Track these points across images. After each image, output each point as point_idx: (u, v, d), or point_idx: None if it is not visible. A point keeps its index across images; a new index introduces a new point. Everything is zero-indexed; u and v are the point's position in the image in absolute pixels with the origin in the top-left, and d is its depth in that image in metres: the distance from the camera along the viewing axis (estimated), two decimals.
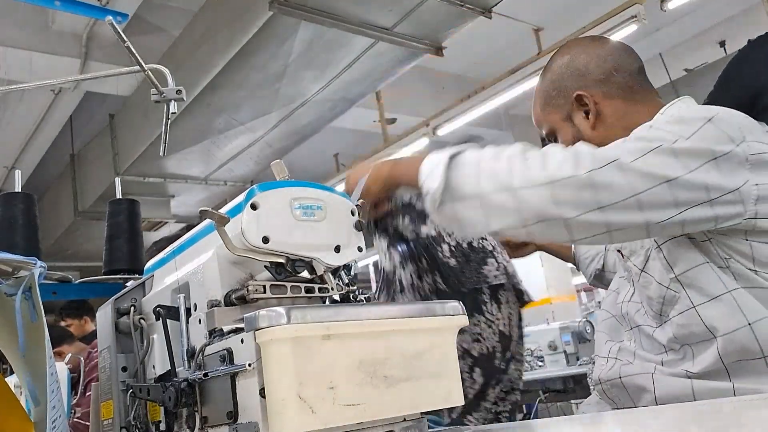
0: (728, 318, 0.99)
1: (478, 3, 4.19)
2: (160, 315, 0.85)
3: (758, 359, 0.98)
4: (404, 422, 0.75)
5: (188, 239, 0.93)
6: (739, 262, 1.00)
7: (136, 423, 0.89)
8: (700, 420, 0.77)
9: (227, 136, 5.58)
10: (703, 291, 1.02)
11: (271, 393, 0.66)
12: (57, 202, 7.28)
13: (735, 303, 0.99)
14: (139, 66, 1.04)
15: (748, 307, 0.99)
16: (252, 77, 4.62)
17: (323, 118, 5.53)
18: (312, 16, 3.95)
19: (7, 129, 6.06)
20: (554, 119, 1.27)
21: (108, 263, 1.23)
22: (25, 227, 1.15)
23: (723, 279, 1.01)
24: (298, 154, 6.31)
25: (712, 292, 1.01)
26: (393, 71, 4.90)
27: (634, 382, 1.10)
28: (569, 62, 1.25)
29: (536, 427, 1.02)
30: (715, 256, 1.02)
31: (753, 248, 1.00)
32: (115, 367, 0.93)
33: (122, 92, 5.68)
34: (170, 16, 5.23)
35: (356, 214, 0.87)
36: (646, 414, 0.95)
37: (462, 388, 0.79)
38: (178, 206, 7.09)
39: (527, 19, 6.09)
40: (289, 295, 0.79)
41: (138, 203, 1.30)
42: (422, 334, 0.76)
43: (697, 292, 1.02)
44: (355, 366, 0.70)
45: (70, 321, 4.04)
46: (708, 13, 6.36)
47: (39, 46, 4.87)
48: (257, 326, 0.67)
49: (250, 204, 0.78)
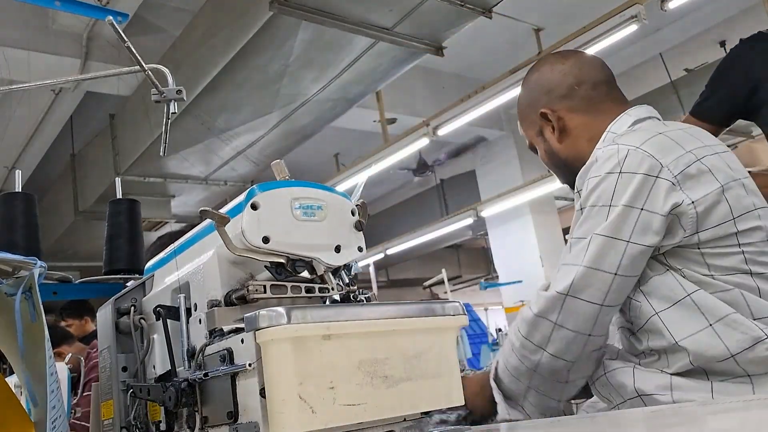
0: (690, 321, 1.02)
1: (478, 3, 4.19)
2: (161, 315, 0.85)
3: (728, 359, 0.99)
4: (404, 422, 0.75)
5: (188, 239, 0.93)
6: (693, 270, 1.05)
7: (136, 423, 0.89)
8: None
9: (227, 136, 5.58)
10: (664, 298, 1.06)
11: (271, 393, 0.66)
12: (57, 202, 7.28)
13: (695, 305, 1.02)
14: (140, 66, 1.04)
15: (707, 308, 1.02)
16: (252, 77, 4.62)
17: (323, 118, 5.53)
18: (312, 16, 3.94)
19: (8, 129, 6.06)
20: (531, 134, 1.37)
21: (108, 263, 1.23)
22: (25, 227, 1.15)
23: (682, 283, 1.05)
24: (298, 154, 6.31)
25: (673, 297, 1.04)
26: (393, 71, 4.90)
27: (615, 377, 1.12)
28: (537, 79, 1.35)
29: (536, 426, 1.02)
30: (671, 265, 1.07)
31: (704, 257, 1.04)
32: (116, 367, 0.93)
33: (122, 92, 5.68)
34: (170, 16, 5.23)
35: (356, 214, 0.87)
36: (639, 414, 0.95)
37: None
38: (179, 206, 7.09)
39: (527, 19, 6.09)
40: (290, 295, 0.79)
41: (138, 203, 1.30)
42: (422, 334, 0.76)
43: (658, 300, 1.06)
44: (356, 366, 0.70)
45: (71, 321, 4.04)
46: (708, 13, 6.36)
47: (39, 46, 4.87)
48: (257, 326, 0.67)
49: (251, 204, 0.78)
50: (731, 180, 1.08)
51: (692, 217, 1.03)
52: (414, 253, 11.20)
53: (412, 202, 10.87)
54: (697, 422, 0.74)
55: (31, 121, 5.97)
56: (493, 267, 9.14)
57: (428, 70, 6.80)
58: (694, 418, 0.78)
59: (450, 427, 0.87)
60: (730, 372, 1.00)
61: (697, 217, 1.03)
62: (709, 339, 1.00)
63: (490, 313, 6.04)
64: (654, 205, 1.04)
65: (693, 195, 1.04)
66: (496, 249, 8.64)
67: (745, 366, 0.99)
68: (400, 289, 13.36)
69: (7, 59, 4.73)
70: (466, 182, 9.34)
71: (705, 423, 0.74)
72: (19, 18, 4.73)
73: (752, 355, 0.98)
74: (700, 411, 0.81)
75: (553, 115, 1.29)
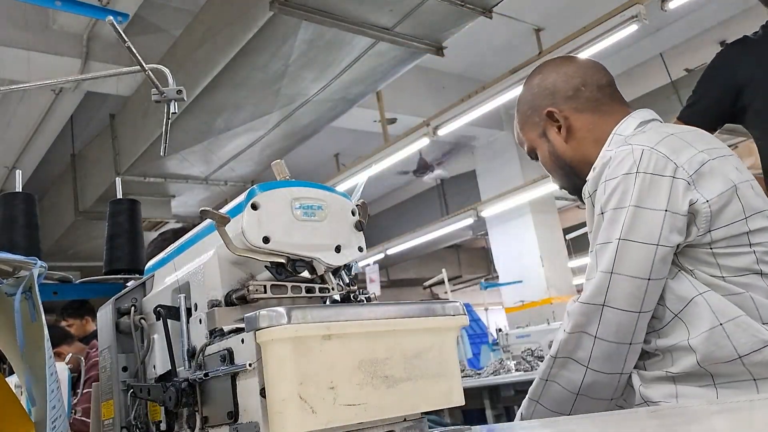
0: (700, 320, 1.02)
1: (479, 3, 4.19)
2: (161, 315, 0.85)
3: (734, 360, 0.99)
4: (405, 422, 0.75)
5: (188, 239, 0.93)
6: (704, 272, 1.05)
7: (136, 423, 0.89)
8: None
9: (228, 136, 5.59)
10: (675, 298, 1.06)
11: (271, 393, 0.66)
12: (58, 202, 7.28)
13: (707, 304, 1.02)
14: (140, 66, 1.04)
15: (718, 309, 1.02)
16: (252, 77, 4.62)
17: (323, 118, 5.53)
18: (312, 16, 3.95)
19: (8, 129, 6.07)
20: (532, 137, 1.36)
21: (108, 263, 1.23)
22: (25, 227, 1.15)
23: (694, 284, 1.05)
24: (298, 154, 6.32)
25: (685, 298, 1.05)
26: (393, 71, 4.90)
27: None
28: (540, 82, 1.34)
29: (537, 426, 1.02)
30: (682, 266, 1.07)
31: (716, 257, 1.05)
32: (116, 367, 0.93)
33: (123, 92, 5.69)
34: (170, 16, 5.23)
35: (356, 214, 0.87)
36: (642, 413, 0.95)
37: None
38: (179, 206, 7.10)
39: (528, 19, 6.10)
40: (290, 295, 0.79)
41: (139, 203, 1.30)
42: (423, 333, 0.76)
43: (670, 301, 1.06)
44: (356, 366, 0.70)
45: (72, 321, 4.05)
46: (708, 13, 6.36)
47: (39, 46, 4.87)
48: (258, 326, 0.67)
49: (251, 204, 0.78)
50: (742, 181, 1.08)
51: (706, 216, 1.04)
52: (414, 253, 11.21)
53: (412, 202, 10.88)
54: (696, 420, 0.74)
55: (32, 121, 5.97)
56: (493, 267, 9.15)
57: (428, 70, 6.80)
58: (694, 416, 0.78)
59: (450, 428, 0.87)
60: (735, 374, 1.00)
61: (711, 215, 1.04)
62: (718, 339, 1.00)
63: (490, 313, 6.04)
64: (675, 205, 1.04)
65: (707, 194, 1.04)
66: (496, 249, 8.64)
67: (751, 368, 0.99)
68: (400, 289, 13.36)
69: (7, 59, 4.73)
70: (466, 182, 9.35)
71: (706, 421, 0.74)
72: (19, 18, 4.73)
73: (760, 357, 0.98)
74: (701, 410, 0.81)
75: (560, 114, 1.29)
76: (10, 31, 4.70)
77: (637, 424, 0.81)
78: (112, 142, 6.09)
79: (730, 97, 2.05)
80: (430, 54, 4.62)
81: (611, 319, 1.05)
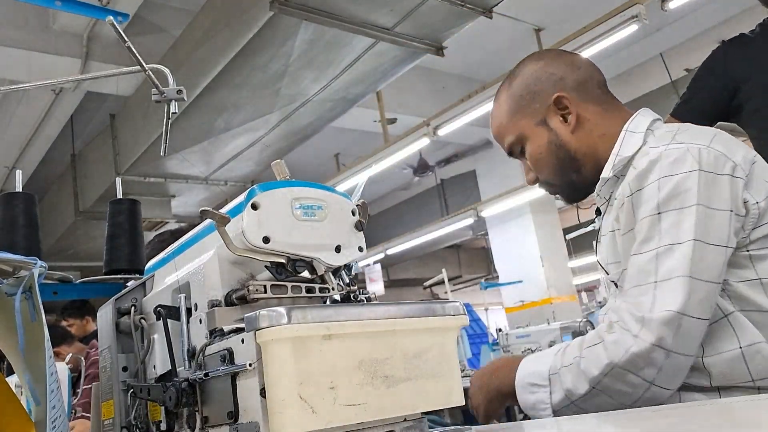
0: (721, 341, 0.99)
1: (479, 3, 4.19)
2: (161, 315, 0.85)
3: (748, 383, 0.97)
4: (405, 422, 0.75)
5: (189, 239, 0.93)
6: (740, 276, 1.01)
7: (136, 423, 0.89)
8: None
9: (228, 136, 5.59)
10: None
11: (271, 393, 0.66)
12: (58, 202, 7.29)
13: (730, 327, 0.99)
14: (140, 66, 1.04)
15: (742, 331, 0.98)
16: (253, 77, 4.62)
17: (323, 118, 5.53)
18: (312, 16, 3.95)
19: (8, 129, 6.07)
20: (525, 125, 1.24)
21: (108, 263, 1.23)
22: (25, 227, 1.15)
23: (720, 303, 1.00)
24: (298, 154, 6.32)
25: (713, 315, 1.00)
26: (393, 71, 4.90)
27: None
28: (544, 67, 1.24)
29: (538, 426, 1.02)
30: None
31: (752, 259, 1.01)
32: (116, 367, 0.93)
33: (123, 92, 5.69)
34: (171, 16, 5.24)
35: (356, 214, 0.87)
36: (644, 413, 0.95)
37: None
38: (179, 206, 7.10)
39: (528, 19, 6.10)
40: (290, 295, 0.79)
41: (139, 203, 1.30)
42: (423, 333, 0.76)
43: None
44: (356, 366, 0.70)
45: (72, 321, 4.05)
46: (708, 13, 6.36)
47: (39, 46, 4.87)
48: (258, 326, 0.67)
49: (251, 204, 0.78)
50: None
51: (754, 218, 1.00)
52: (414, 253, 11.22)
53: (412, 202, 10.88)
54: (696, 418, 0.74)
55: (32, 121, 5.97)
56: (493, 267, 9.16)
57: (428, 70, 6.81)
58: (699, 415, 0.78)
59: (450, 428, 0.87)
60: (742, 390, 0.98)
61: (758, 217, 1.00)
62: (735, 363, 0.97)
63: (490, 313, 6.04)
64: (737, 206, 1.00)
65: (756, 195, 1.01)
66: (496, 249, 8.65)
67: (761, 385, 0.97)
68: (400, 289, 13.37)
69: (7, 59, 4.73)
70: (466, 182, 9.36)
71: (711, 419, 0.74)
72: (19, 18, 4.74)
73: None
74: (702, 410, 0.81)
75: (570, 101, 1.20)
76: (10, 31, 4.70)
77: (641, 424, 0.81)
78: (112, 142, 6.09)
79: (726, 95, 2.05)
80: (430, 54, 4.63)
81: (688, 330, 0.95)
